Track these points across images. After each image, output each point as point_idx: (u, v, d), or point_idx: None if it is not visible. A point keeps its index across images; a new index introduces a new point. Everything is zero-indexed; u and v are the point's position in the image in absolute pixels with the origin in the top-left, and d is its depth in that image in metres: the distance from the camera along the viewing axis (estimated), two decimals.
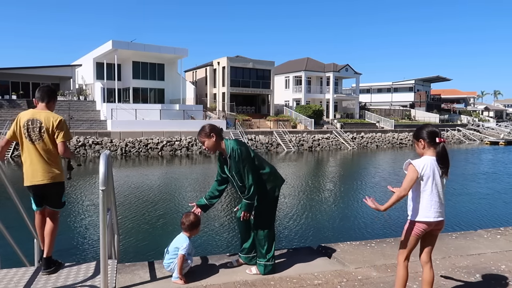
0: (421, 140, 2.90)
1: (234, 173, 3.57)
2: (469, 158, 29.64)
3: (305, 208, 11.93)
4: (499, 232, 5.00)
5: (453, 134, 48.70)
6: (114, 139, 27.97)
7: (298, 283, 3.37)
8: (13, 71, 34.91)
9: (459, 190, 15.12)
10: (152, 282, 3.37)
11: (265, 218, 3.68)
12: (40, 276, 3.21)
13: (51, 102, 3.76)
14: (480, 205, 12.65)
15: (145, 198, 13.25)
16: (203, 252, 7.63)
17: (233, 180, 3.65)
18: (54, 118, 3.60)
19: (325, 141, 36.49)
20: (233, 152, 3.49)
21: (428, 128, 2.91)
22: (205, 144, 3.56)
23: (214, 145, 3.56)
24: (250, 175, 3.49)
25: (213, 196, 3.79)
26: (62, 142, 3.56)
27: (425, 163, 2.81)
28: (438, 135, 2.87)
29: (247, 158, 3.51)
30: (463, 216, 11.04)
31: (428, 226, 2.84)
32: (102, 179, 2.74)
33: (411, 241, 2.88)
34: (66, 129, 3.65)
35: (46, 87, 3.84)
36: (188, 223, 3.56)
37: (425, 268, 2.91)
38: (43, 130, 3.53)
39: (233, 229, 9.53)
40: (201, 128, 3.61)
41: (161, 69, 38.97)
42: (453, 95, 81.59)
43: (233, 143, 3.55)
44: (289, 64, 52.67)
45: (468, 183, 17.20)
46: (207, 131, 3.54)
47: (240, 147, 3.51)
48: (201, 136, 3.57)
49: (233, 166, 3.55)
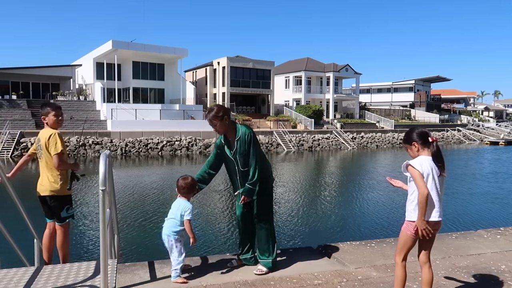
0: (414, 143, 2.91)
1: (239, 156, 3.58)
2: (469, 158, 29.65)
3: (305, 208, 11.93)
4: (499, 232, 5.00)
5: (453, 134, 48.69)
6: (114, 139, 27.97)
7: (298, 283, 3.36)
8: (13, 71, 34.89)
9: (459, 190, 15.12)
10: (152, 282, 3.36)
11: (268, 214, 3.73)
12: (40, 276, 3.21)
13: (50, 115, 3.95)
14: (480, 205, 12.65)
15: (145, 198, 13.25)
16: (203, 252, 7.63)
17: (235, 164, 3.63)
18: (48, 133, 3.86)
19: (325, 141, 36.49)
20: (245, 135, 3.55)
21: (417, 130, 2.94)
22: (217, 127, 3.58)
23: (226, 127, 3.59)
24: (256, 159, 3.54)
25: (203, 180, 3.78)
26: (55, 155, 3.77)
27: (422, 162, 2.83)
28: (429, 135, 2.90)
29: (257, 143, 3.61)
30: (463, 216, 11.03)
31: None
32: (102, 179, 2.74)
33: (409, 241, 2.88)
34: (57, 142, 3.80)
35: (42, 105, 4.04)
36: (189, 185, 3.53)
37: (424, 268, 2.91)
38: (42, 147, 3.84)
39: (233, 229, 9.53)
40: (211, 110, 3.59)
41: (161, 69, 38.98)
42: (453, 95, 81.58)
43: (244, 127, 3.63)
44: (289, 64, 52.68)
45: (468, 183, 17.21)
46: (220, 114, 3.55)
47: (251, 131, 3.61)
48: (213, 119, 3.55)
49: (239, 149, 3.56)
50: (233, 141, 3.61)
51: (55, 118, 3.93)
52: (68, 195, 3.92)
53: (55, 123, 3.94)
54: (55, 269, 3.31)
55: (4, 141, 24.78)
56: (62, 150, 3.78)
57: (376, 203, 12.61)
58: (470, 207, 12.38)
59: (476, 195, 14.29)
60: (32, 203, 4.02)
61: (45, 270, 3.29)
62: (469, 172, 20.92)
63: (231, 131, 3.63)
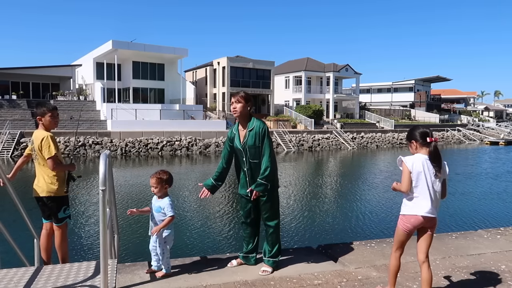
0: (413, 141, 3.03)
1: (249, 147, 3.57)
2: (469, 158, 29.64)
3: (305, 208, 11.93)
4: (499, 232, 5.00)
5: (453, 134, 48.68)
6: (114, 139, 27.96)
7: (298, 283, 3.36)
8: (13, 71, 34.88)
9: (459, 190, 15.12)
10: (152, 282, 3.36)
11: (277, 217, 3.75)
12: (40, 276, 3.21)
13: (46, 116, 3.92)
14: (480, 205, 12.65)
15: (145, 198, 13.24)
16: (203, 252, 7.63)
17: (243, 154, 3.61)
18: (40, 136, 3.82)
19: (325, 141, 36.48)
20: (259, 128, 3.56)
21: (419, 129, 3.03)
22: (238, 107, 3.59)
23: (245, 112, 3.61)
24: (269, 154, 3.53)
25: (220, 177, 3.77)
26: (49, 159, 3.76)
27: (415, 160, 2.93)
28: (429, 135, 2.97)
29: (270, 139, 3.62)
30: (463, 216, 11.03)
31: (417, 221, 2.92)
32: (102, 179, 2.73)
33: (402, 235, 2.99)
34: (50, 145, 3.76)
35: (38, 105, 3.98)
36: (167, 176, 3.53)
37: (423, 267, 2.95)
38: (36, 149, 3.83)
39: (233, 229, 9.53)
40: (239, 92, 3.66)
41: (161, 69, 38.97)
42: (453, 95, 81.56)
43: (260, 120, 3.65)
44: (289, 64, 52.67)
45: (468, 183, 17.20)
46: (248, 98, 3.62)
47: (266, 126, 3.62)
48: (241, 98, 3.59)
49: (250, 140, 3.55)
50: (246, 131, 3.60)
51: (51, 119, 3.90)
52: (65, 196, 3.93)
53: (50, 124, 3.92)
54: (55, 269, 3.31)
55: (4, 141, 24.78)
56: (56, 154, 3.75)
57: (376, 203, 12.60)
58: (470, 207, 12.38)
59: (476, 195, 14.28)
60: (32, 203, 4.02)
61: (45, 270, 3.29)
62: (469, 172, 20.91)
63: (246, 120, 3.64)
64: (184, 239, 8.71)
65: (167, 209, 3.47)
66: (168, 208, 3.47)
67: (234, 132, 3.71)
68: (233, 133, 3.72)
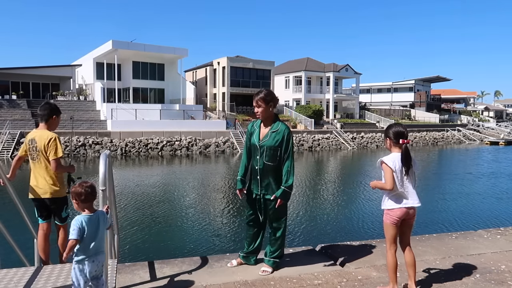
0: (387, 139, 3.14)
1: (267, 147, 3.47)
2: (469, 158, 29.64)
3: (305, 208, 11.93)
4: (499, 232, 5.00)
5: (453, 134, 48.69)
6: (114, 139, 27.96)
7: (298, 283, 3.36)
8: (13, 71, 34.88)
9: (459, 190, 15.13)
10: (152, 282, 3.36)
11: (285, 218, 3.67)
12: (40, 276, 3.21)
13: (50, 121, 3.95)
14: (480, 205, 12.65)
15: (145, 198, 13.25)
16: (203, 252, 7.64)
17: (258, 152, 3.51)
18: (46, 137, 3.82)
19: (325, 141, 36.48)
20: (284, 132, 3.48)
21: (395, 128, 3.12)
22: (260, 111, 3.51)
23: (268, 113, 3.53)
24: (291, 161, 3.48)
25: (246, 173, 3.65)
26: (53, 160, 3.77)
27: (394, 159, 3.05)
28: (403, 137, 3.05)
29: (293, 146, 3.56)
30: (463, 216, 11.03)
31: (402, 213, 3.06)
32: (102, 179, 2.74)
33: (391, 229, 3.09)
34: (56, 147, 3.80)
35: (44, 106, 3.97)
36: (91, 189, 2.67)
37: (405, 252, 3.14)
38: (38, 149, 3.79)
39: (233, 229, 9.53)
40: (260, 91, 3.54)
41: (161, 69, 38.97)
42: (453, 95, 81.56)
43: (285, 125, 3.57)
44: (289, 64, 52.67)
45: (468, 183, 17.20)
46: (268, 99, 3.50)
47: (290, 131, 3.55)
48: (261, 101, 3.48)
49: (271, 140, 3.47)
50: (268, 131, 3.52)
51: (59, 120, 4.05)
52: (65, 196, 3.99)
53: (56, 125, 4.03)
54: (55, 269, 3.31)
55: (4, 141, 24.79)
56: (62, 155, 3.82)
57: (376, 203, 12.60)
58: (470, 207, 12.38)
59: (476, 195, 14.28)
60: (32, 203, 4.02)
61: (45, 270, 3.29)
62: (469, 172, 20.92)
63: (270, 121, 3.56)
64: (184, 239, 8.72)
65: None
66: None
67: (255, 127, 3.62)
68: (253, 128, 3.63)
